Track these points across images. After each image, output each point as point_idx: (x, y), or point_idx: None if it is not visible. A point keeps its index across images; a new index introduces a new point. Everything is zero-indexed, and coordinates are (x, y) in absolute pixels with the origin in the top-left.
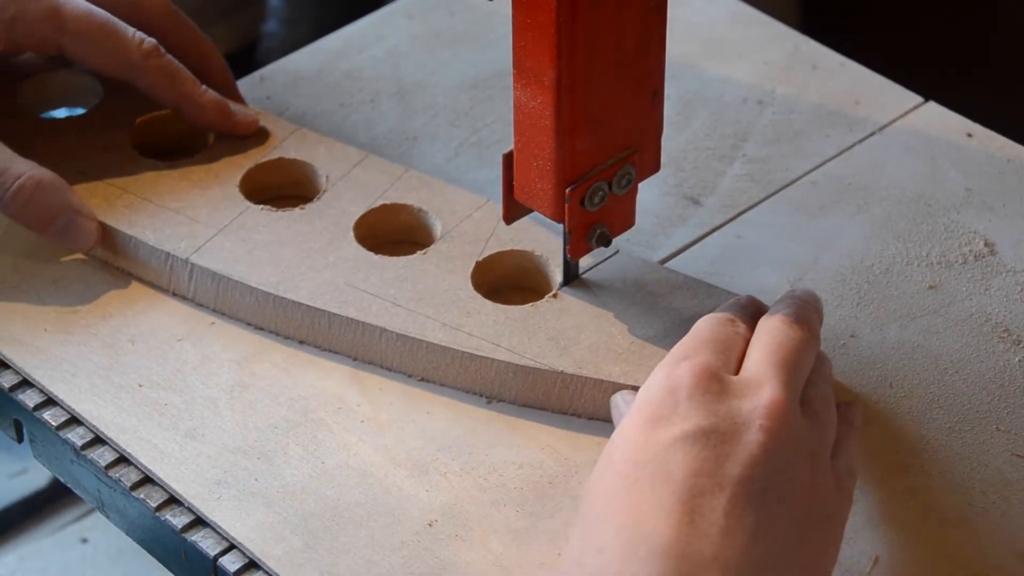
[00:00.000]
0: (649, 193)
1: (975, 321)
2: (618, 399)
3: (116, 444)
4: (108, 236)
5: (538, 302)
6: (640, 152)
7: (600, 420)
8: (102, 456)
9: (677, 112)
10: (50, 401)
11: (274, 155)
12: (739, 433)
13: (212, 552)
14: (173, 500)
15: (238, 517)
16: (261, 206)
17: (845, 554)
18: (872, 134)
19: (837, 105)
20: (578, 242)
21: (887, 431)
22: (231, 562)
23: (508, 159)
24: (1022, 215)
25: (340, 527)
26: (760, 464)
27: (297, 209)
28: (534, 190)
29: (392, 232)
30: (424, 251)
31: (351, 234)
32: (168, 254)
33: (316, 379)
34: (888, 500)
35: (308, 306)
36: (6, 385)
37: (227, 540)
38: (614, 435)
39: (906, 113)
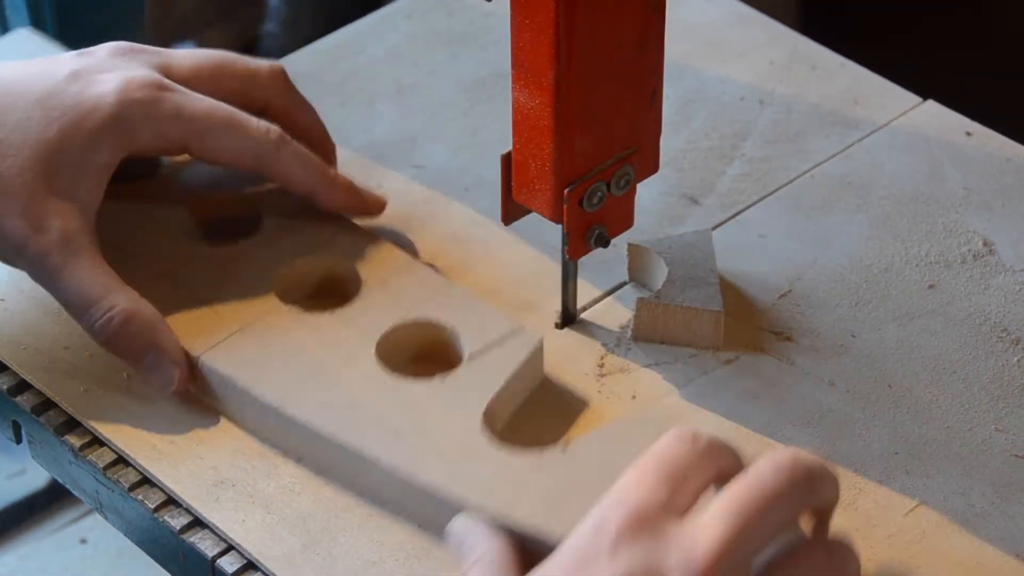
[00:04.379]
0: (648, 193)
1: (974, 321)
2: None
3: (114, 445)
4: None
5: (545, 450)
6: (639, 152)
7: None
8: (100, 457)
9: (676, 112)
10: (48, 402)
11: (316, 252)
12: None
13: (211, 553)
14: (171, 501)
15: (236, 518)
16: (290, 306)
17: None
18: (871, 133)
19: (836, 105)
20: (576, 243)
21: (886, 431)
22: (229, 563)
23: (507, 160)
24: (1021, 215)
25: (339, 527)
26: None
27: (326, 313)
28: (532, 191)
29: (418, 347)
30: (444, 376)
31: (373, 349)
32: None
33: None
34: (888, 500)
35: (305, 426)
36: (4, 387)
37: (225, 541)
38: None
39: (905, 112)
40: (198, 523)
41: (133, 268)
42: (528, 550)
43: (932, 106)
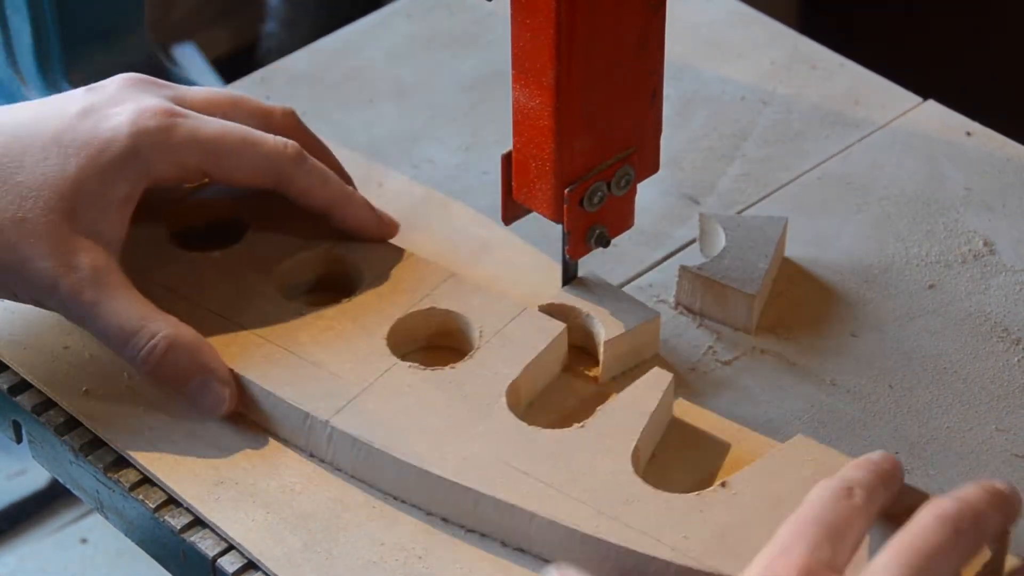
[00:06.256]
0: (649, 193)
1: (974, 321)
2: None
3: (115, 444)
4: (244, 389)
5: (704, 491)
6: (639, 152)
7: None
8: (101, 457)
9: (677, 112)
10: (49, 402)
11: (425, 304)
12: None
13: (211, 553)
14: (172, 501)
15: (237, 517)
16: (409, 364)
17: None
18: (871, 133)
19: (837, 105)
20: (577, 243)
21: (887, 431)
22: (230, 563)
23: (507, 159)
24: (1021, 214)
25: (339, 528)
26: None
27: (447, 368)
28: (533, 190)
29: (543, 395)
30: (582, 424)
31: (503, 400)
32: (307, 414)
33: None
34: None
35: (453, 482)
36: (4, 386)
37: (226, 540)
38: None
39: (905, 112)
40: (199, 523)
41: (232, 336)
42: None
43: (932, 106)
